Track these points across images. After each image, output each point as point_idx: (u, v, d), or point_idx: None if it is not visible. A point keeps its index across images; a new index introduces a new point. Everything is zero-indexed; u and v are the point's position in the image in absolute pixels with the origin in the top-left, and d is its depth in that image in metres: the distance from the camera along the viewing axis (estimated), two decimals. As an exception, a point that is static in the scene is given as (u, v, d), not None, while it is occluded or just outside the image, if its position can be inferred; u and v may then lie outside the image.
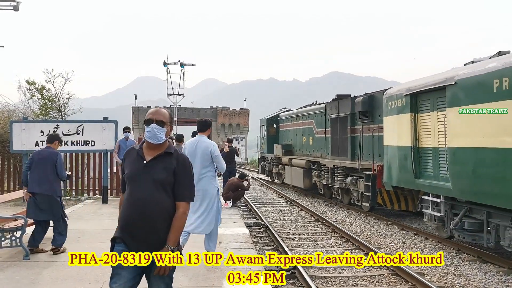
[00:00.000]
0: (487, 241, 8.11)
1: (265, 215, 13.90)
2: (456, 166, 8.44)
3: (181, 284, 5.50)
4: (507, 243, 7.44)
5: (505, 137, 7.21)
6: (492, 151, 7.54)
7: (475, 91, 7.95)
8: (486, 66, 7.83)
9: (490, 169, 7.61)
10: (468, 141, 8.12)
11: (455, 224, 8.80)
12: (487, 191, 7.70)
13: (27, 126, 13.57)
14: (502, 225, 7.69)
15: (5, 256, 6.81)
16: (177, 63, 34.29)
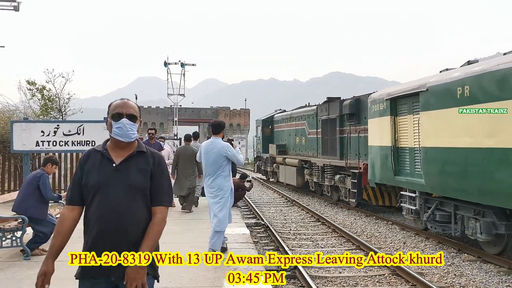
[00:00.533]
0: (454, 230, 9.13)
1: (266, 215, 13.91)
2: (428, 164, 9.41)
3: (181, 284, 5.50)
4: (470, 232, 8.53)
5: (466, 137, 8.19)
6: (456, 151, 8.52)
7: (443, 97, 8.92)
8: (452, 75, 8.82)
9: (455, 167, 8.57)
10: (437, 142, 9.11)
11: (428, 216, 9.86)
12: (453, 186, 8.69)
13: (27, 126, 13.57)
14: (466, 216, 8.74)
15: (5, 256, 6.82)
16: (178, 63, 34.31)
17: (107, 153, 2.92)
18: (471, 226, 8.51)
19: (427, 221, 10.03)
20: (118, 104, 2.97)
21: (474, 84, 8.03)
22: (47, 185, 6.89)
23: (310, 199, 18.01)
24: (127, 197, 2.83)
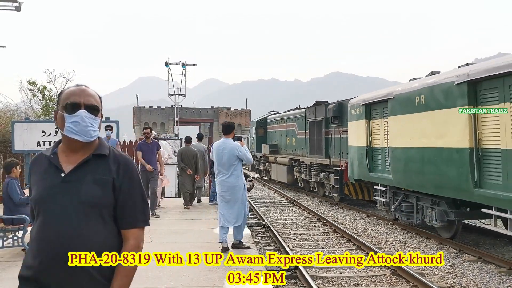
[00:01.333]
0: (416, 219, 10.70)
1: (267, 215, 13.92)
2: (394, 162, 10.97)
3: (182, 284, 5.51)
4: (428, 219, 10.06)
5: (423, 139, 9.66)
6: (416, 150, 10.02)
7: (405, 104, 10.44)
8: (412, 86, 10.33)
9: (415, 164, 10.04)
10: (401, 142, 10.67)
11: (395, 207, 11.41)
12: (414, 181, 10.19)
13: (28, 126, 13.59)
14: (425, 206, 10.28)
15: (7, 256, 6.83)
16: (179, 63, 34.31)
17: (55, 158, 2.19)
18: (428, 215, 10.08)
19: (395, 211, 11.59)
20: (73, 92, 2.20)
21: (427, 94, 9.53)
22: (14, 191, 6.83)
23: (311, 199, 18.02)
24: (78, 218, 2.09)
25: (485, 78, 7.89)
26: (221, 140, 7.62)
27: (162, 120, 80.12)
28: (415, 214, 10.69)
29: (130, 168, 2.23)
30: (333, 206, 16.12)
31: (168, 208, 11.85)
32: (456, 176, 8.56)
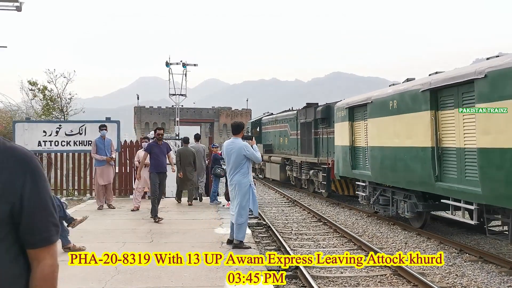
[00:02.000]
0: (391, 211, 11.94)
1: (267, 215, 13.92)
2: (372, 160, 12.32)
3: (183, 283, 5.51)
4: (401, 211, 11.35)
5: (395, 139, 11.02)
6: (390, 149, 11.36)
7: (381, 108, 11.74)
8: (387, 92, 11.65)
9: (390, 161, 11.38)
10: (378, 142, 12.00)
11: (374, 201, 12.78)
12: (389, 176, 11.58)
13: (29, 126, 13.63)
14: (399, 200, 11.52)
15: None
16: (179, 63, 34.29)
17: None
18: (401, 207, 11.38)
19: (373, 205, 12.94)
20: None
21: (399, 99, 10.88)
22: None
23: (312, 199, 18.02)
24: None
25: (444, 87, 9.07)
26: (231, 139, 7.81)
27: (163, 120, 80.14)
28: (390, 207, 12.04)
29: (32, 169, 1.66)
30: (334, 206, 16.12)
31: (168, 208, 11.85)
32: (421, 171, 9.86)
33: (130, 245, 7.57)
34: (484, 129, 7.85)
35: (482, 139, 7.93)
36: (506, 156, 7.39)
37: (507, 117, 7.29)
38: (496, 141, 7.60)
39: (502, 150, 7.44)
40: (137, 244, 7.65)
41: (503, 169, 7.47)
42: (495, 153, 7.65)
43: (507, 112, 7.27)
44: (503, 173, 7.48)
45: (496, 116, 7.56)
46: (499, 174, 7.58)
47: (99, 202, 11.81)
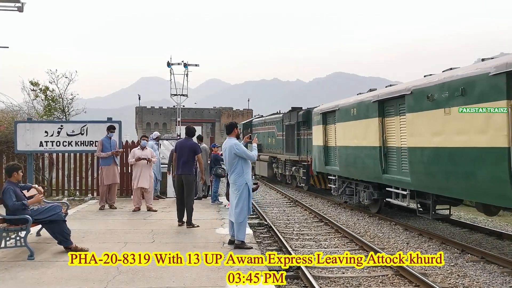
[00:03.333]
0: (355, 200, 14.53)
1: (269, 215, 13.92)
2: (340, 157, 14.75)
3: (185, 284, 5.51)
4: (362, 199, 13.94)
5: (355, 140, 13.46)
6: (352, 148, 13.69)
7: (345, 114, 14.23)
8: (350, 101, 14.11)
9: (352, 158, 13.75)
10: (344, 142, 14.45)
11: (341, 192, 15.51)
12: (352, 171, 14.01)
13: (31, 127, 13.62)
14: (361, 190, 14.00)
15: (9, 256, 6.84)
16: (181, 63, 34.30)
17: None
18: (361, 196, 14.03)
19: (341, 195, 15.64)
20: None
21: (358, 107, 13.29)
22: (8, 198, 6.82)
23: (313, 200, 18.01)
24: None
25: (387, 99, 11.60)
26: (226, 139, 7.92)
27: (164, 121, 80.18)
28: (354, 196, 14.59)
29: None
30: (335, 206, 16.11)
31: (170, 208, 11.85)
32: (373, 166, 12.31)
33: (132, 245, 7.57)
34: (411, 133, 10.39)
35: (410, 140, 10.47)
36: (424, 153, 9.85)
37: (424, 123, 9.80)
38: (417, 142, 10.11)
39: (422, 149, 9.95)
40: (139, 244, 7.65)
41: (423, 163, 9.91)
42: (417, 151, 10.15)
43: (424, 120, 9.76)
44: (422, 166, 9.94)
45: (417, 123, 10.09)
46: (420, 167, 10.05)
47: (101, 202, 11.81)
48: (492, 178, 7.88)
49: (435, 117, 9.46)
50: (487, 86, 8.01)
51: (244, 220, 7.52)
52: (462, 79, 8.71)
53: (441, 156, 9.27)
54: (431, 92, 9.57)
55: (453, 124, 8.91)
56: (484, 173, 8.05)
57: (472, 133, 8.34)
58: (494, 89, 7.83)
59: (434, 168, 9.54)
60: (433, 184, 9.72)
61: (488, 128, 7.93)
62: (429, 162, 9.68)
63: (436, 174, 9.51)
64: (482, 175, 8.11)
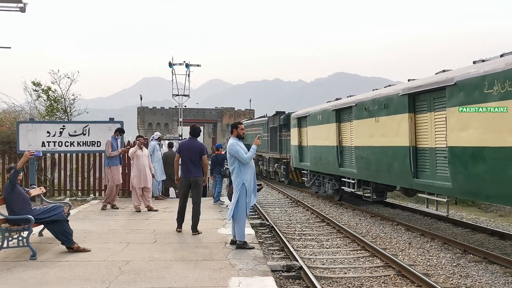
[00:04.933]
0: (322, 190, 17.72)
1: (271, 215, 13.92)
2: (310, 154, 18.05)
3: (187, 284, 5.51)
4: (327, 189, 17.15)
5: (321, 140, 16.69)
6: (319, 147, 16.94)
7: (314, 119, 17.61)
8: (317, 108, 17.55)
9: (319, 155, 17.04)
10: (313, 142, 17.77)
11: (311, 183, 18.79)
12: (319, 166, 17.25)
13: (33, 127, 13.65)
14: (326, 182, 17.17)
15: (12, 256, 6.85)
16: (183, 64, 34.31)
17: None
18: (326, 186, 17.27)
19: (311, 186, 19.03)
20: None
21: (322, 114, 16.65)
22: (9, 183, 6.90)
23: (315, 200, 18.01)
24: None
25: (342, 108, 14.90)
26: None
27: (166, 121, 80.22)
28: (322, 187, 17.80)
29: None
30: (337, 206, 16.11)
31: (172, 208, 11.85)
32: (333, 161, 15.52)
33: (134, 245, 7.58)
34: (356, 135, 13.68)
35: (355, 141, 13.70)
36: (363, 151, 13.06)
37: (363, 128, 13.07)
38: (360, 142, 13.34)
39: (362, 147, 13.11)
40: (141, 244, 7.66)
41: (363, 158, 13.14)
42: (359, 149, 13.36)
43: (363, 125, 13.13)
44: (363, 161, 13.17)
45: (359, 128, 13.45)
46: (361, 161, 13.33)
47: (105, 202, 11.82)
48: (401, 168, 11.11)
49: (369, 123, 12.77)
50: (398, 102, 11.23)
51: (242, 220, 7.45)
52: (385, 96, 11.94)
53: (374, 153, 12.59)
54: (367, 105, 12.85)
55: (380, 129, 12.19)
56: (397, 165, 11.32)
57: (391, 136, 11.62)
58: (402, 105, 11.03)
59: (369, 162, 12.90)
60: (370, 174, 13.10)
61: (399, 132, 11.15)
62: (367, 158, 13.03)
63: (371, 167, 12.88)
64: (396, 167, 11.40)
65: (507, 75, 7.54)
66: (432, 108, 9.93)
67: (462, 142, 8.70)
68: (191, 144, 8.76)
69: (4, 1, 13.40)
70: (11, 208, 6.91)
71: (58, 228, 7.09)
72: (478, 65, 8.73)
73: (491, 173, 8.01)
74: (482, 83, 8.15)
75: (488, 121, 8.03)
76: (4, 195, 6.98)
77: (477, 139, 8.30)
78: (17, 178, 6.93)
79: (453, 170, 8.98)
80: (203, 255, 6.94)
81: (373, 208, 15.10)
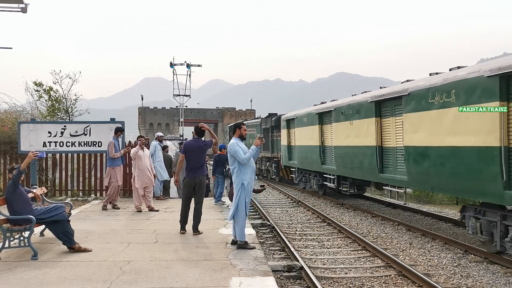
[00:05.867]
0: (308, 185, 20.17)
1: (272, 216, 13.92)
2: (297, 153, 20.18)
3: (188, 284, 5.52)
4: (312, 185, 19.48)
5: (305, 140, 18.74)
6: (304, 147, 18.94)
7: (300, 121, 19.53)
8: (302, 112, 19.40)
9: (304, 154, 19.07)
10: (299, 142, 19.78)
11: (299, 180, 20.94)
12: (305, 164, 19.29)
13: (34, 127, 13.67)
14: (312, 178, 19.37)
15: (13, 256, 6.86)
16: (184, 64, 34.35)
17: None
18: (311, 182, 19.47)
19: (299, 183, 21.23)
20: None
21: (307, 117, 18.62)
22: (11, 184, 6.92)
23: (316, 200, 18.01)
24: None
25: (324, 112, 16.82)
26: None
27: (167, 121, 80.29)
28: (308, 183, 20.06)
29: None
30: (338, 206, 16.11)
31: (173, 208, 11.87)
32: (317, 159, 17.47)
33: (135, 245, 7.59)
34: (335, 136, 15.49)
35: (335, 141, 15.60)
36: (342, 150, 14.95)
37: (341, 130, 14.99)
38: (338, 142, 15.24)
39: (340, 147, 15.05)
40: (142, 244, 7.67)
41: (341, 157, 15.02)
42: (338, 148, 15.26)
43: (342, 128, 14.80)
44: (341, 159, 15.10)
45: (338, 129, 15.29)
46: (340, 160, 15.21)
47: (106, 202, 11.84)
48: (370, 165, 12.87)
49: (346, 126, 14.58)
50: (367, 108, 12.94)
51: (242, 220, 7.43)
52: (357, 103, 13.72)
53: (349, 151, 14.42)
54: (344, 110, 14.71)
55: (354, 131, 13.96)
56: (367, 162, 13.03)
57: (362, 137, 13.31)
58: (370, 111, 12.74)
59: (346, 159, 14.74)
60: (346, 171, 15.02)
61: (368, 134, 12.88)
62: (344, 156, 14.87)
63: (347, 164, 14.71)
64: (366, 163, 13.11)
65: (444, 89, 9.26)
66: (394, 113, 11.70)
67: (414, 142, 10.46)
68: (196, 143, 8.67)
69: (6, 2, 13.43)
70: (12, 208, 6.92)
71: (59, 228, 7.10)
72: (425, 78, 10.48)
73: (434, 168, 9.68)
74: (427, 94, 9.83)
75: (431, 125, 9.69)
76: (5, 195, 6.99)
77: (424, 140, 9.99)
78: (20, 178, 6.95)
79: (408, 165, 10.73)
80: (204, 255, 6.95)
81: (366, 204, 15.10)
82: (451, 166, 8.99)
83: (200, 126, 8.72)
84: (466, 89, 8.53)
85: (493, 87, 7.79)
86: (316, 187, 19.01)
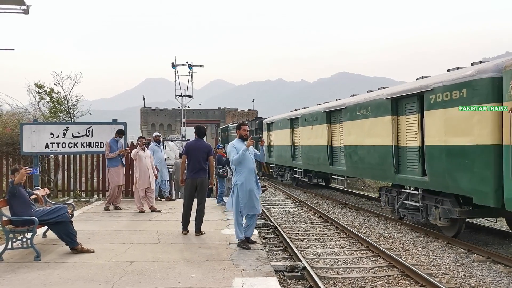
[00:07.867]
0: (284, 179, 24.62)
1: (274, 216, 13.91)
2: (275, 152, 24.52)
3: (190, 284, 5.52)
4: (287, 178, 24.10)
5: (282, 141, 23.05)
6: (280, 146, 23.54)
7: (277, 125, 24.09)
8: (278, 117, 24.41)
9: (281, 152, 23.29)
10: (276, 142, 24.25)
11: (276, 174, 25.51)
12: (281, 160, 23.68)
13: (37, 128, 13.69)
14: (286, 172, 23.85)
15: (16, 257, 6.87)
16: (185, 64, 34.38)
17: None
18: (286, 176, 23.78)
19: (277, 176, 25.44)
20: None
21: (282, 121, 22.95)
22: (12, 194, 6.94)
23: (318, 200, 18.00)
24: None
25: (294, 118, 20.79)
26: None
27: (169, 122, 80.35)
28: (284, 176, 24.18)
29: None
30: (341, 206, 16.09)
31: (175, 209, 11.87)
32: (289, 156, 21.26)
33: (137, 246, 7.59)
34: (301, 137, 19.28)
35: (300, 141, 19.05)
36: (305, 148, 18.73)
37: (305, 132, 18.92)
38: (303, 142, 18.41)
39: (304, 146, 18.66)
40: (144, 245, 7.67)
41: (305, 153, 18.44)
42: (303, 147, 18.46)
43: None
44: (305, 156, 18.37)
45: (302, 132, 19.21)
46: (305, 156, 18.82)
47: (108, 203, 11.82)
48: (324, 160, 17.00)
49: (308, 129, 18.65)
50: (321, 116, 17.14)
51: (236, 220, 7.49)
52: (316, 112, 17.85)
53: (310, 149, 18.38)
54: (306, 117, 18.88)
55: (313, 133, 18.07)
56: (322, 158, 17.17)
57: (318, 138, 17.45)
58: (323, 118, 16.93)
59: (308, 156, 18.66)
60: (310, 165, 18.99)
61: (322, 136, 17.02)
62: (307, 153, 18.74)
63: (309, 159, 18.69)
64: (322, 159, 17.20)
65: (364, 105, 13.32)
66: (339, 121, 15.77)
67: (349, 142, 14.54)
68: (198, 144, 8.60)
69: (8, 3, 13.45)
70: (13, 210, 6.94)
71: (62, 229, 7.11)
72: (356, 96, 14.69)
73: (360, 161, 13.82)
74: (356, 108, 13.93)
75: (358, 130, 13.75)
76: (7, 197, 7.01)
77: (354, 141, 14.06)
78: (15, 191, 6.94)
79: (346, 159, 14.83)
80: (207, 255, 6.95)
81: (360, 202, 15.09)
82: (369, 159, 13.11)
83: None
84: (376, 106, 12.58)
85: (388, 106, 11.85)
86: (289, 180, 23.43)
